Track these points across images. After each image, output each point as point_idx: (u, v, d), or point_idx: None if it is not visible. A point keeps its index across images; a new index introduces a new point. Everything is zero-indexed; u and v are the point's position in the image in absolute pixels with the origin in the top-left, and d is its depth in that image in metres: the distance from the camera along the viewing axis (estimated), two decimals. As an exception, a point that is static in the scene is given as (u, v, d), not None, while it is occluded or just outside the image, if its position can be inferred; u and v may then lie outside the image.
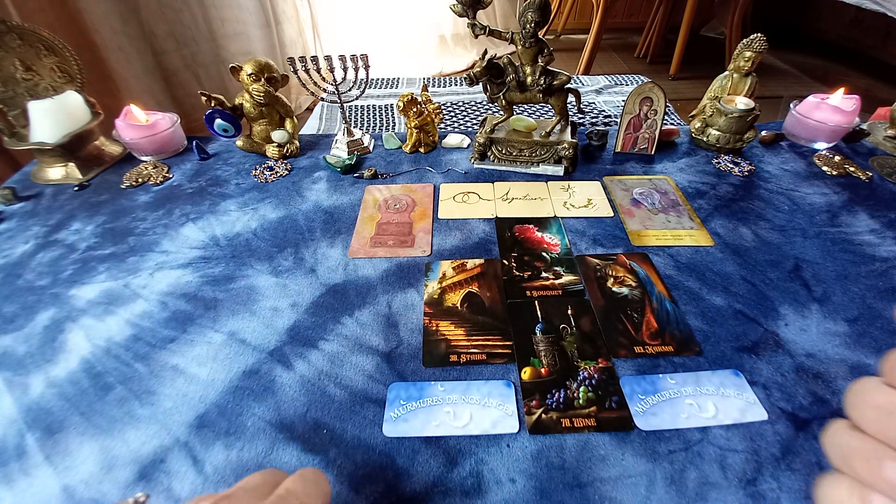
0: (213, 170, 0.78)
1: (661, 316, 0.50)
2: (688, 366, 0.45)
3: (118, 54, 1.26)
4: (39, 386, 0.45)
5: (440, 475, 0.37)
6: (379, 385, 0.44)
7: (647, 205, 0.67)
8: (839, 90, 0.78)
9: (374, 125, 1.46)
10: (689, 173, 0.75)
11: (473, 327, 0.49)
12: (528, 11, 0.62)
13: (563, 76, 0.68)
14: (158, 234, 0.64)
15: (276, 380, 0.44)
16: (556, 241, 0.61)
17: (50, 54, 0.75)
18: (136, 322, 0.51)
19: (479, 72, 0.66)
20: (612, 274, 0.56)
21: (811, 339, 0.47)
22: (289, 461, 0.38)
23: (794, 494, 0.35)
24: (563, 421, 0.40)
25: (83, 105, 0.77)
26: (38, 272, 0.58)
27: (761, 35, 0.77)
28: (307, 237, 0.62)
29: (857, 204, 0.67)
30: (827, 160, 0.76)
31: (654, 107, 0.75)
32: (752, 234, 0.62)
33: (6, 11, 0.98)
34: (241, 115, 0.78)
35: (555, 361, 0.45)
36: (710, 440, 0.39)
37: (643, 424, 0.40)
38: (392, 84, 1.79)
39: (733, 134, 0.77)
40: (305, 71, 0.71)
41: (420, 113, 0.78)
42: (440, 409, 0.41)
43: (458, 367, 0.45)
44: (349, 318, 0.51)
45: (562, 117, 0.73)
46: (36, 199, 0.72)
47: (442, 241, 0.62)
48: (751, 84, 0.81)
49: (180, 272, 0.57)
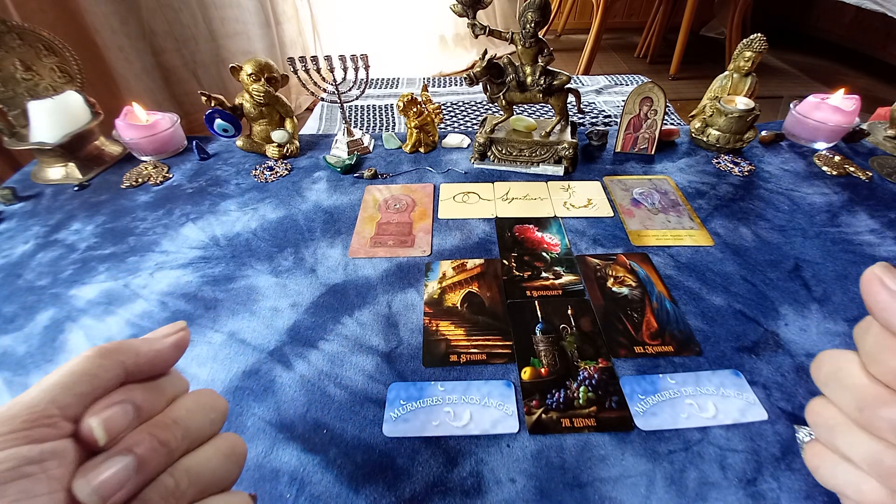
0: (213, 170, 0.78)
1: (661, 316, 0.50)
2: (688, 366, 0.45)
3: (118, 54, 1.26)
4: (39, 386, 0.44)
5: (440, 475, 0.37)
6: (379, 385, 0.44)
7: (647, 205, 0.67)
8: (839, 90, 0.78)
9: (374, 125, 1.46)
10: (689, 173, 0.75)
11: (473, 327, 0.49)
12: (528, 11, 0.62)
13: (563, 76, 0.68)
14: (158, 234, 0.64)
15: (276, 380, 0.45)
16: (556, 241, 0.61)
17: (50, 54, 0.75)
18: (136, 322, 0.51)
19: (479, 72, 0.66)
20: (612, 274, 0.56)
21: (811, 339, 0.47)
22: (289, 461, 0.38)
23: (794, 494, 0.35)
24: (563, 421, 0.40)
25: (83, 105, 0.77)
26: (38, 272, 0.58)
27: (761, 35, 0.77)
28: (307, 237, 0.62)
29: (857, 204, 0.67)
30: (827, 160, 0.76)
31: (654, 107, 0.75)
32: (752, 234, 0.62)
33: (6, 11, 0.98)
34: (241, 115, 0.78)
35: (555, 361, 0.45)
36: (710, 440, 0.39)
37: (643, 424, 0.40)
38: (392, 84, 1.79)
39: (733, 134, 0.77)
40: (305, 71, 0.71)
41: (420, 113, 0.78)
42: (440, 409, 0.41)
43: (458, 367, 0.45)
44: (349, 318, 0.51)
45: (562, 117, 0.73)
46: (36, 199, 0.72)
47: (442, 241, 0.62)
48: (751, 84, 0.81)
49: (180, 272, 0.57)
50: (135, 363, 0.20)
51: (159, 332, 0.23)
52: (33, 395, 0.18)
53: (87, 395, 0.18)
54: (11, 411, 0.17)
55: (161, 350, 0.22)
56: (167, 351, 0.22)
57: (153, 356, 0.21)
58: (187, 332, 0.23)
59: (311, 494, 0.36)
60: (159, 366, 0.22)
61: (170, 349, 0.22)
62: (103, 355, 0.19)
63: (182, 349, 0.23)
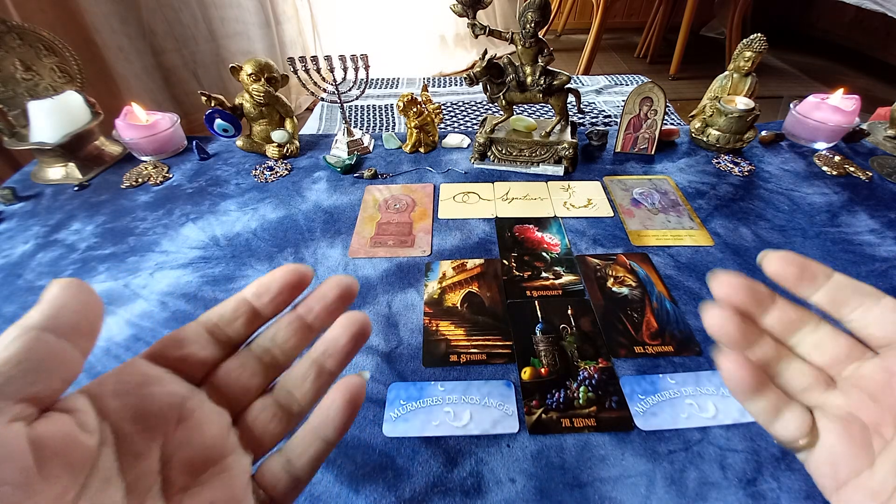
0: (213, 170, 0.78)
1: (661, 316, 0.50)
2: (688, 366, 0.45)
3: (118, 54, 1.26)
4: (39, 386, 0.44)
5: (440, 475, 0.37)
6: (379, 385, 0.44)
7: (647, 205, 0.67)
8: (839, 90, 0.78)
9: (374, 125, 1.46)
10: (689, 173, 0.75)
11: (473, 327, 0.49)
12: (528, 11, 0.62)
13: (563, 76, 0.68)
14: (158, 234, 0.64)
15: (276, 380, 0.44)
16: (556, 241, 0.61)
17: (50, 54, 0.75)
18: (136, 322, 0.51)
19: (479, 72, 0.66)
20: (612, 274, 0.56)
21: (811, 339, 0.47)
22: (289, 461, 0.38)
23: (794, 494, 0.35)
24: (563, 421, 0.40)
25: (83, 105, 0.77)
26: (38, 272, 0.58)
27: (761, 35, 0.77)
28: (307, 237, 0.62)
29: (857, 204, 0.67)
30: (827, 160, 0.76)
31: (654, 107, 0.75)
32: (752, 234, 0.62)
33: (6, 11, 0.98)
34: (241, 115, 0.78)
35: (555, 361, 0.45)
36: (710, 440, 0.39)
37: (643, 424, 0.40)
38: (392, 84, 1.79)
39: (733, 134, 0.77)
40: (305, 71, 0.71)
41: (420, 113, 0.78)
42: (440, 409, 0.41)
43: (458, 367, 0.45)
44: (349, 318, 0.51)
45: (562, 117, 0.73)
46: (36, 199, 0.72)
47: (442, 241, 0.62)
48: (751, 84, 0.81)
49: (180, 272, 0.57)
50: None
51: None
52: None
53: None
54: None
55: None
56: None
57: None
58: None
59: (312, 494, 0.36)
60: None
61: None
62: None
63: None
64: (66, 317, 0.15)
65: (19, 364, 0.13)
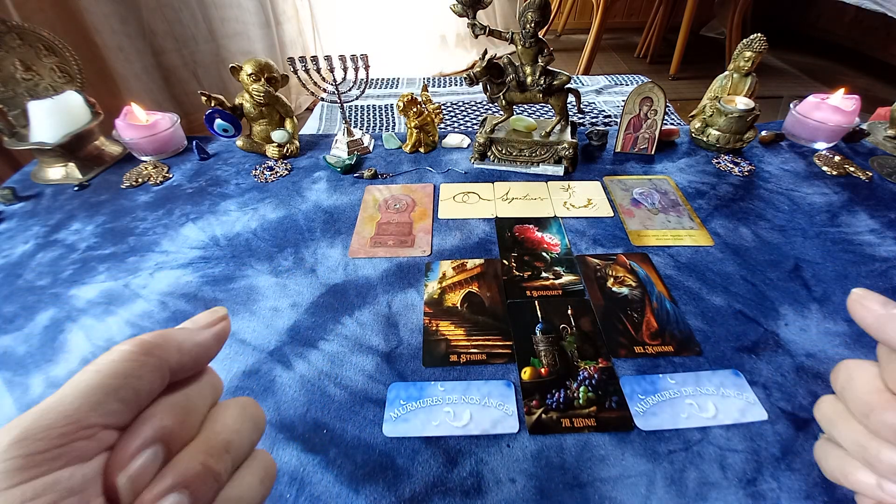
0: (213, 170, 0.78)
1: (661, 316, 0.50)
2: (688, 366, 0.45)
3: (118, 54, 1.26)
4: (40, 386, 0.44)
5: (440, 475, 0.37)
6: (379, 385, 0.44)
7: (647, 205, 0.67)
8: (839, 90, 0.78)
9: (374, 125, 1.46)
10: (689, 173, 0.75)
11: (473, 327, 0.49)
12: (528, 11, 0.62)
13: (563, 76, 0.68)
14: (158, 234, 0.64)
15: (276, 380, 0.45)
16: (556, 241, 0.61)
17: (50, 54, 0.75)
18: (136, 322, 0.51)
19: (479, 72, 0.66)
20: (612, 274, 0.56)
21: (811, 339, 0.47)
22: (289, 461, 0.38)
23: (794, 494, 0.35)
24: (563, 421, 0.40)
25: (83, 105, 0.77)
26: (38, 272, 0.58)
27: (761, 35, 0.77)
28: (307, 237, 0.62)
29: (857, 204, 0.67)
30: (827, 160, 0.76)
31: (654, 107, 0.75)
32: (752, 234, 0.62)
33: (6, 11, 0.98)
34: (241, 115, 0.78)
35: (555, 361, 0.45)
36: (710, 440, 0.39)
37: (643, 424, 0.40)
38: (392, 84, 1.79)
39: (733, 134, 0.77)
40: (305, 71, 0.71)
41: (420, 113, 0.78)
42: (440, 409, 0.41)
43: (458, 367, 0.45)
44: (349, 318, 0.51)
45: (562, 117, 0.73)
46: (36, 199, 0.72)
47: (442, 241, 0.62)
48: (751, 84, 0.81)
49: (180, 272, 0.57)
50: (178, 361, 0.18)
51: (199, 321, 0.20)
52: (70, 400, 0.15)
53: (131, 402, 0.16)
54: (44, 420, 0.14)
55: (202, 343, 0.19)
56: (209, 344, 0.19)
57: (196, 352, 0.19)
58: (228, 322, 0.21)
59: (311, 494, 0.36)
60: (201, 362, 0.19)
61: (212, 342, 0.19)
62: (147, 352, 0.17)
63: (223, 341, 0.20)
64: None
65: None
